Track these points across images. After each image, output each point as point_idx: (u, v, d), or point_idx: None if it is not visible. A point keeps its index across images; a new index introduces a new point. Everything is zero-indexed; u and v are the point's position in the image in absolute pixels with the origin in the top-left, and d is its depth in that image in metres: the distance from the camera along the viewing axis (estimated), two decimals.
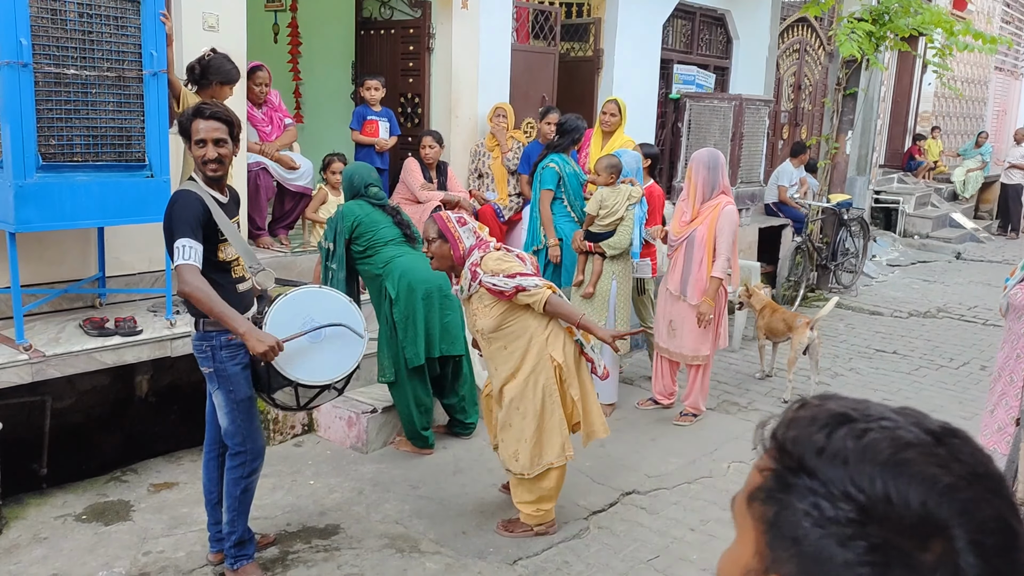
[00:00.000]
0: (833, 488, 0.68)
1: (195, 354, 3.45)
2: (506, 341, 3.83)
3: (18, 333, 4.14)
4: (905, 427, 0.71)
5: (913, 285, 10.92)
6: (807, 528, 0.68)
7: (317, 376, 3.47)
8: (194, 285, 3.14)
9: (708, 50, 9.90)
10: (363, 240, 4.69)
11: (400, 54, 7.25)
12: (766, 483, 0.73)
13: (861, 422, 0.71)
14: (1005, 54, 19.20)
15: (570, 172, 5.79)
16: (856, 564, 0.65)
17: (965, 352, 7.74)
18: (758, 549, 0.73)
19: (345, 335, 3.52)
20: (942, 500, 0.65)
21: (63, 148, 4.05)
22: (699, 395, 5.60)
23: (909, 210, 14.22)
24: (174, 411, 5.03)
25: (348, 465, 4.76)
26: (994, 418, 4.05)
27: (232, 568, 3.51)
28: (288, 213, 6.26)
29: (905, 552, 0.64)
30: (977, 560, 0.64)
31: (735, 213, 5.27)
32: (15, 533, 3.90)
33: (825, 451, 0.69)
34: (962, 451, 0.69)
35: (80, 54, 4.02)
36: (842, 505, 0.67)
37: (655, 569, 3.82)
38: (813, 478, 0.69)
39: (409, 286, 4.61)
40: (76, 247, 4.83)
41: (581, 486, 4.60)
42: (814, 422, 0.72)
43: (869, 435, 0.69)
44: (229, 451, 3.49)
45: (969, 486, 0.66)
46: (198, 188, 3.28)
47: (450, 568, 3.75)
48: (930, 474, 0.66)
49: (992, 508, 0.66)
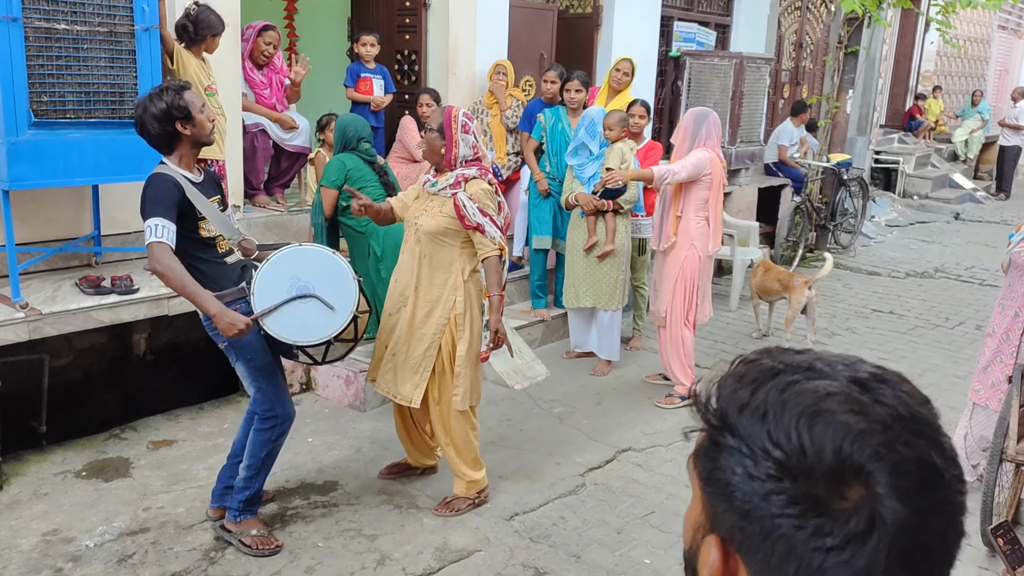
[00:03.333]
0: (753, 445, 0.69)
1: (208, 333, 3.43)
2: (432, 258, 3.69)
3: (14, 291, 4.13)
4: (832, 375, 0.71)
5: (911, 245, 10.91)
6: (735, 484, 0.70)
7: (313, 335, 3.46)
8: (165, 264, 3.11)
9: (709, 7, 9.77)
10: (348, 195, 4.64)
11: (396, 10, 7.15)
12: (702, 442, 0.75)
13: (787, 374, 0.72)
14: (1009, 12, 18.98)
15: (556, 127, 5.91)
16: (778, 516, 0.66)
17: (961, 312, 7.76)
18: (704, 506, 0.75)
19: (335, 285, 3.43)
20: (855, 446, 0.65)
21: (55, 105, 4.01)
22: (672, 364, 5.23)
23: (909, 170, 14.15)
24: (172, 369, 5.05)
25: (346, 423, 4.79)
26: (988, 374, 4.06)
27: (235, 520, 3.55)
28: (284, 172, 6.23)
29: (823, 501, 0.65)
30: (894, 502, 0.65)
31: (702, 155, 4.94)
32: (15, 489, 3.94)
33: (747, 407, 0.71)
34: (884, 394, 0.69)
35: (71, 8, 3.97)
36: (762, 461, 0.68)
37: (650, 524, 3.86)
38: (736, 436, 0.71)
39: (396, 243, 4.58)
40: (71, 205, 4.80)
41: (578, 443, 4.63)
42: (742, 379, 0.74)
43: (792, 388, 0.70)
44: (259, 414, 3.51)
45: (886, 429, 0.66)
46: (170, 170, 3.24)
47: (447, 524, 3.79)
48: (844, 421, 0.66)
49: (910, 449, 0.66)
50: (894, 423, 0.67)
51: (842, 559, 0.65)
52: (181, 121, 3.22)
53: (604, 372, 5.70)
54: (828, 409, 0.68)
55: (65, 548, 3.49)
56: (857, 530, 0.65)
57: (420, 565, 3.47)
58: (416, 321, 3.73)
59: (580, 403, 5.21)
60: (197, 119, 3.25)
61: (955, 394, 5.27)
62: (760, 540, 0.68)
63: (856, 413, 0.67)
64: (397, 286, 3.81)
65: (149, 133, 3.25)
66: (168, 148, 3.30)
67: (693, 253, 5.06)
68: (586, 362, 5.85)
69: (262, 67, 5.94)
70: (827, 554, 0.65)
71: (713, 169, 4.98)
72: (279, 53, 6.06)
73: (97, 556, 3.44)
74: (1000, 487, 3.65)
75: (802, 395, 0.69)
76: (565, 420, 4.95)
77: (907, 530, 0.65)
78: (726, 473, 0.71)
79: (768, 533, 0.67)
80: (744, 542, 0.70)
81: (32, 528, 3.63)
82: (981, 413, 4.12)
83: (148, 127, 3.23)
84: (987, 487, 3.54)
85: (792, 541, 0.66)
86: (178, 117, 3.21)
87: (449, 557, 3.54)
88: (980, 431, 4.11)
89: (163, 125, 3.21)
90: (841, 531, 0.65)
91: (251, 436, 3.54)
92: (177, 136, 3.26)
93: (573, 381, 5.57)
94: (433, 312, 3.70)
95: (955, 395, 5.27)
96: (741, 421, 0.71)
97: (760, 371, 0.74)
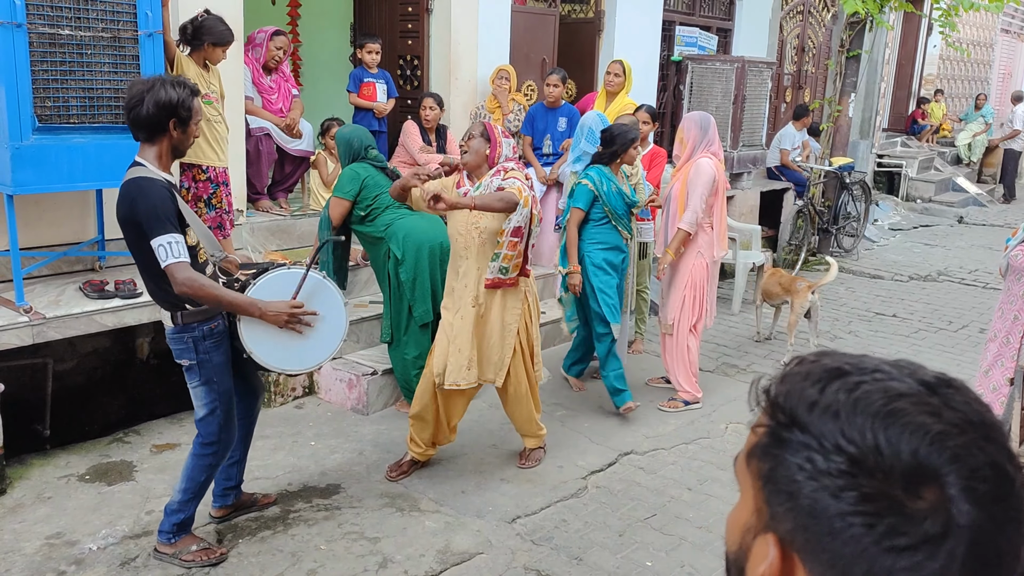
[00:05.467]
0: (825, 441, 0.68)
1: (172, 347, 3.28)
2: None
3: (18, 295, 4.15)
4: (899, 378, 0.71)
5: (914, 249, 10.90)
6: (801, 482, 0.69)
7: (299, 363, 3.49)
8: (195, 282, 2.98)
9: (711, 11, 9.79)
10: (365, 204, 4.66)
11: (399, 15, 7.18)
12: (761, 440, 0.74)
13: (854, 375, 0.72)
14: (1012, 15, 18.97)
15: (611, 191, 4.89)
16: (849, 514, 0.66)
17: (964, 315, 7.76)
18: (757, 506, 0.74)
19: (326, 317, 3.42)
20: (932, 448, 0.65)
21: (59, 110, 4.03)
22: (677, 371, 5.22)
23: (912, 174, 14.14)
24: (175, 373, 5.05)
25: (349, 427, 4.80)
26: (989, 378, 4.06)
27: (170, 542, 3.42)
28: (288, 177, 6.25)
29: (897, 501, 0.65)
30: (970, 506, 0.64)
31: (708, 165, 4.98)
32: (19, 493, 3.95)
33: (817, 405, 0.70)
34: (955, 399, 0.69)
35: (74, 14, 3.99)
36: (834, 457, 0.67)
37: (652, 527, 3.86)
38: (806, 432, 0.70)
39: (416, 245, 4.60)
40: (75, 210, 4.82)
41: (580, 446, 4.64)
42: (808, 377, 0.73)
43: (861, 387, 0.70)
44: (202, 440, 3.37)
45: (961, 433, 0.66)
46: (155, 174, 3.06)
47: (449, 526, 3.80)
48: (921, 423, 0.66)
49: (985, 455, 0.66)
50: (968, 428, 0.67)
51: (915, 561, 0.64)
52: (176, 121, 3.07)
53: None
54: (901, 409, 0.67)
55: (68, 551, 3.50)
56: (933, 532, 0.64)
57: (422, 568, 3.48)
58: (492, 316, 4.02)
59: (582, 406, 5.22)
60: (189, 129, 3.13)
61: None
62: (827, 539, 0.67)
63: (931, 415, 0.67)
64: (467, 291, 4.01)
65: (139, 113, 3.02)
66: (148, 138, 3.09)
67: (700, 261, 5.08)
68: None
69: (271, 72, 5.96)
70: (899, 555, 0.64)
71: (717, 175, 5.01)
72: (286, 60, 6.09)
73: (100, 559, 3.45)
74: None
75: (873, 395, 0.69)
76: (567, 423, 4.95)
77: (981, 535, 0.64)
78: (791, 470, 0.70)
79: (837, 532, 0.66)
80: (808, 541, 0.69)
81: (35, 531, 3.64)
82: None
83: (145, 107, 3.01)
84: None
85: (862, 541, 0.65)
86: (177, 116, 3.06)
87: (451, 560, 3.55)
88: None
89: (160, 114, 3.03)
90: (916, 532, 0.64)
91: (190, 461, 3.40)
92: (163, 133, 3.08)
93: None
94: (507, 305, 4.04)
95: None
96: (812, 418, 0.70)
97: (825, 370, 0.74)
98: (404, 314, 4.71)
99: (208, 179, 4.87)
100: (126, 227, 3.08)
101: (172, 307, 3.19)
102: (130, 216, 3.02)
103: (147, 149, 3.12)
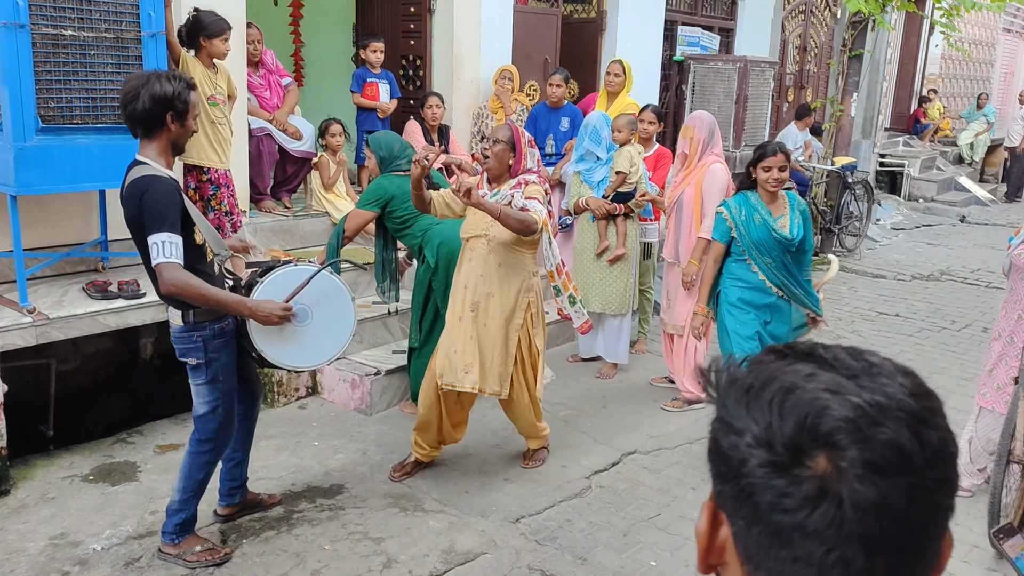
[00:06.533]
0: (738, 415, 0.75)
1: (179, 346, 3.26)
2: (506, 264, 3.93)
3: (21, 296, 4.15)
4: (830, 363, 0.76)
5: (917, 248, 10.89)
6: (724, 452, 0.76)
7: (307, 361, 3.50)
8: (182, 282, 2.95)
9: (713, 11, 9.79)
10: (399, 213, 4.56)
11: (401, 15, 7.18)
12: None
13: (790, 359, 0.78)
14: (1014, 15, 18.95)
15: (751, 221, 4.34)
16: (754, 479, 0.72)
17: (967, 314, 7.74)
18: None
19: (335, 310, 3.44)
20: (820, 419, 0.70)
21: (62, 110, 4.03)
22: (682, 371, 5.21)
23: (914, 173, 14.13)
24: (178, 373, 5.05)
25: (352, 427, 4.79)
26: (993, 377, 4.05)
27: (174, 543, 3.42)
28: (291, 177, 6.24)
29: (783, 467, 0.70)
30: (854, 476, 0.68)
31: (721, 171, 5.03)
32: (23, 493, 3.95)
33: (736, 382, 0.78)
34: (872, 382, 0.73)
35: (77, 15, 3.99)
36: (746, 430, 0.73)
37: (656, 527, 3.86)
38: (724, 407, 0.78)
39: (449, 254, 4.50)
40: (78, 210, 4.83)
41: (583, 446, 4.64)
42: (748, 360, 0.80)
43: (783, 369, 0.76)
44: (199, 437, 3.36)
45: (856, 409, 0.70)
46: (160, 171, 3.02)
47: (453, 527, 3.79)
48: (813, 398, 0.71)
49: (881, 431, 0.69)
50: (870, 407, 0.70)
51: (798, 520, 0.69)
52: (174, 115, 3.03)
53: (610, 375, 5.69)
54: (803, 387, 0.73)
55: (72, 552, 3.50)
56: (809, 494, 0.69)
57: (426, 568, 3.47)
58: (495, 324, 3.95)
59: (586, 406, 5.21)
60: (187, 122, 3.09)
61: (962, 396, 5.25)
62: (741, 501, 0.73)
63: (833, 393, 0.71)
64: (468, 292, 3.98)
65: (135, 108, 2.98)
66: (146, 133, 3.05)
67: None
68: (591, 365, 5.85)
69: (256, 67, 5.93)
70: (786, 514, 0.70)
71: (728, 179, 5.08)
72: (270, 52, 6.05)
73: (104, 560, 3.45)
74: (1007, 488, 3.64)
75: (787, 374, 0.75)
76: (571, 423, 4.95)
77: (862, 504, 0.68)
78: (718, 442, 0.77)
79: (746, 496, 0.73)
80: (726, 504, 0.76)
81: (39, 532, 3.64)
82: (987, 416, 4.11)
83: (141, 101, 2.97)
84: (994, 489, 3.53)
85: (761, 503, 0.71)
86: (174, 109, 3.01)
87: (455, 560, 3.54)
88: (986, 434, 4.10)
89: (156, 107, 2.98)
90: (797, 494, 0.69)
91: (188, 460, 3.39)
92: (161, 127, 3.04)
93: (578, 384, 5.57)
94: (513, 313, 3.98)
95: (962, 397, 5.25)
96: (730, 393, 0.78)
97: (769, 353, 0.80)
98: (431, 322, 4.66)
99: (208, 180, 4.87)
100: (135, 228, 3.06)
101: (183, 306, 3.17)
102: (138, 216, 3.00)
103: (147, 146, 3.09)
